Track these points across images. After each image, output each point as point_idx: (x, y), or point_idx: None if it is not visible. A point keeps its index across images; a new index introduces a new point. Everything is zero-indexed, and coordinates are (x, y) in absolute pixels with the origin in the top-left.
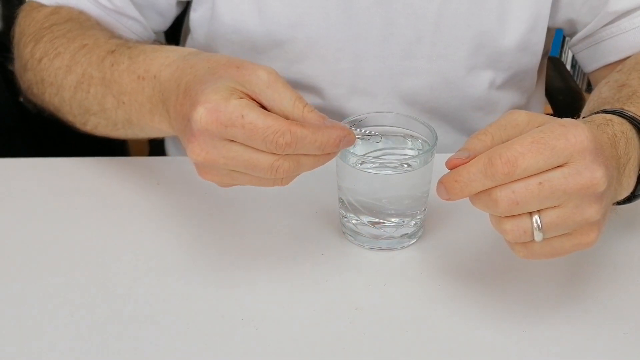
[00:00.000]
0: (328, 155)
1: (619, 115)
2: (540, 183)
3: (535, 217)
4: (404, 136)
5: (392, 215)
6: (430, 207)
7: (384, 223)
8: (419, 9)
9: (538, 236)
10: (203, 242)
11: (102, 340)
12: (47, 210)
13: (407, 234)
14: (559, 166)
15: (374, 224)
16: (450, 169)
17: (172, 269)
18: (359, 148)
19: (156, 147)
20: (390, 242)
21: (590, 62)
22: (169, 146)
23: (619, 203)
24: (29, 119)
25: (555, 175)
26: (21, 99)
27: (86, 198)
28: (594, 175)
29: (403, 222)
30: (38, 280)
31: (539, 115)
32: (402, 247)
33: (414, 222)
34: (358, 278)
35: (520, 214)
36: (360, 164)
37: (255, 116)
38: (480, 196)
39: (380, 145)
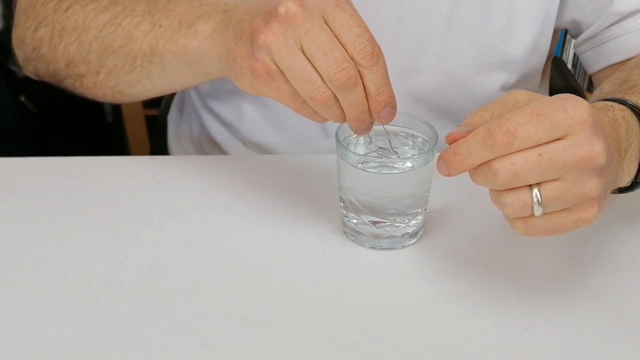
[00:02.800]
0: (362, 118)
1: (620, 103)
2: (539, 155)
3: (535, 191)
4: (405, 135)
5: (392, 215)
6: (431, 207)
7: (385, 222)
8: (431, 7)
9: (538, 210)
10: (203, 241)
11: (102, 340)
12: (47, 210)
13: (408, 233)
14: (559, 139)
15: (374, 223)
16: (450, 144)
17: (171, 268)
18: (360, 147)
19: (157, 147)
20: (391, 241)
21: (594, 62)
22: (171, 146)
23: (620, 191)
24: (29, 119)
25: (555, 147)
26: (22, 99)
27: (86, 198)
28: (594, 148)
29: (404, 221)
30: (38, 280)
31: (539, 95)
32: (403, 247)
33: (414, 222)
34: (358, 277)
35: (519, 187)
36: (361, 164)
37: (362, 19)
38: (479, 169)
39: (380, 145)
